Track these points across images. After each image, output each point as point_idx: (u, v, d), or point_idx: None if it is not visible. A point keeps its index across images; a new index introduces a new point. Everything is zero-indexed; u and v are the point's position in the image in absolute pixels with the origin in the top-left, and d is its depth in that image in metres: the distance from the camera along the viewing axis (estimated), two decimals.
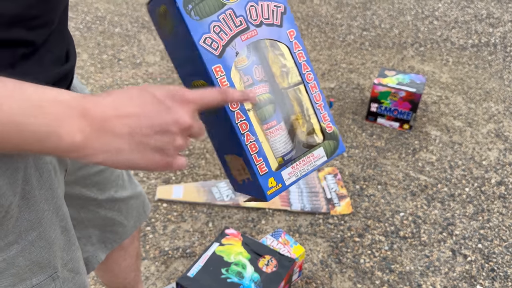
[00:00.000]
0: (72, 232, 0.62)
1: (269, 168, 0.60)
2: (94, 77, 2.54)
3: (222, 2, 0.57)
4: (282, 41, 0.61)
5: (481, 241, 1.63)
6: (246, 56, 0.60)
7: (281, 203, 1.73)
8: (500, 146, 2.14)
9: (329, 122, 0.65)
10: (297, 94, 0.64)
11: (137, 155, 0.43)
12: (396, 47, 3.10)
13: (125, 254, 0.97)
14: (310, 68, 0.64)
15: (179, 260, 1.49)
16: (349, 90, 2.55)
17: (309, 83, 0.63)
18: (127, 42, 2.95)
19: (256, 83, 0.60)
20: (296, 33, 0.63)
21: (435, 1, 3.97)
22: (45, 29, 0.50)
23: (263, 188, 0.60)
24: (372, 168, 1.96)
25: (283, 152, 0.63)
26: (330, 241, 1.60)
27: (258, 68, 0.61)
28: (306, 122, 0.65)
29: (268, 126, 0.62)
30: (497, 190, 1.87)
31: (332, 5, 3.79)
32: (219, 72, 0.56)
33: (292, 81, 0.63)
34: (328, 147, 0.65)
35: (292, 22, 0.62)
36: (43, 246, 0.56)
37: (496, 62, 2.96)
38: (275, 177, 0.61)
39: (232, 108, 0.57)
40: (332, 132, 0.66)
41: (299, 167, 0.63)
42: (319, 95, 0.65)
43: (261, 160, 0.60)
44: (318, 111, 0.65)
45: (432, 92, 2.57)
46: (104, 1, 3.58)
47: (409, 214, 1.73)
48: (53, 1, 0.49)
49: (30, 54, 0.48)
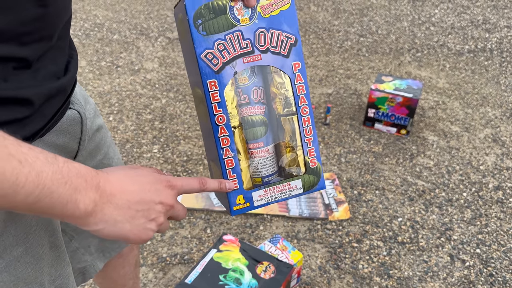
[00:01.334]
0: (62, 248, 0.61)
1: (240, 185, 0.62)
2: (92, 83, 2.55)
3: (232, 23, 0.59)
4: (284, 71, 0.63)
5: (479, 246, 1.63)
6: (248, 76, 0.63)
7: (279, 209, 1.73)
8: (497, 151, 2.15)
9: (314, 157, 0.66)
10: (290, 123, 0.66)
11: (128, 226, 0.51)
12: (393, 53, 3.11)
13: (124, 262, 0.97)
14: (308, 102, 0.65)
15: (177, 267, 1.49)
16: (346, 95, 2.56)
17: (303, 116, 0.65)
18: (125, 49, 2.96)
19: (252, 103, 0.63)
20: (302, 66, 0.64)
21: (431, 7, 4.00)
22: (40, 44, 0.50)
23: (230, 202, 0.62)
24: (370, 173, 1.96)
25: (264, 174, 0.65)
26: (328, 246, 1.59)
27: (258, 90, 0.63)
28: (292, 152, 0.66)
29: (255, 146, 0.64)
30: (494, 195, 1.87)
31: (329, 11, 3.81)
32: (213, 87, 0.59)
33: (288, 110, 0.65)
34: (307, 181, 0.66)
35: (300, 54, 0.63)
36: (29, 262, 0.55)
37: (493, 67, 2.97)
38: (244, 195, 0.63)
39: (218, 122, 0.60)
40: (315, 168, 0.66)
41: (271, 192, 0.64)
42: (311, 130, 0.66)
43: (234, 176, 0.62)
44: (306, 144, 0.65)
45: (429, 97, 2.58)
46: (103, 8, 3.59)
47: (407, 219, 1.73)
48: (49, 18, 0.49)
49: (23, 67, 0.48)
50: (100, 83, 2.55)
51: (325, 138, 2.18)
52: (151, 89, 2.54)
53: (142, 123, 2.23)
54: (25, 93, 0.48)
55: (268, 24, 0.61)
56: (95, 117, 0.74)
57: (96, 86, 2.52)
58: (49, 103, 0.53)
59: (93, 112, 0.74)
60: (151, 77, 2.65)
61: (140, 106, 2.37)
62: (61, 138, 0.61)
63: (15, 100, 0.48)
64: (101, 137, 0.76)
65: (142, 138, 2.12)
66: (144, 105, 2.38)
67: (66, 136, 0.62)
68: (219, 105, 0.60)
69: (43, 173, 0.41)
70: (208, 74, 0.58)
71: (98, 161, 0.76)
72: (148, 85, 2.57)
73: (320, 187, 0.67)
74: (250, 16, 0.60)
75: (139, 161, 1.96)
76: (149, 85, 2.57)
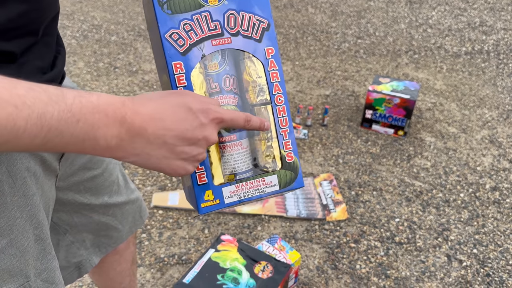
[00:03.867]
0: (48, 241, 0.61)
1: (209, 179, 0.56)
2: (90, 85, 2.55)
3: (200, 3, 0.55)
4: (257, 56, 0.58)
5: (476, 246, 1.63)
6: (219, 63, 0.58)
7: (277, 209, 1.74)
8: (494, 152, 2.16)
9: (291, 151, 0.60)
10: (264, 113, 0.60)
11: (165, 162, 0.48)
12: (390, 55, 3.12)
13: (120, 259, 0.97)
14: (283, 90, 0.60)
15: (174, 267, 1.49)
16: (344, 97, 2.57)
17: (277, 106, 0.60)
18: (123, 50, 2.96)
19: (223, 92, 0.58)
20: (275, 52, 0.59)
21: (428, 9, 4.01)
22: (24, 40, 0.50)
23: (197, 198, 0.56)
24: (367, 174, 1.97)
25: (237, 170, 0.58)
26: (326, 247, 1.60)
27: (230, 79, 0.58)
28: (267, 145, 0.60)
29: (227, 139, 0.58)
30: (491, 196, 1.88)
31: (327, 13, 3.82)
32: (178, 69, 0.54)
33: (262, 98, 0.60)
34: (284, 177, 0.60)
35: (274, 40, 0.59)
36: (14, 254, 0.55)
37: (490, 69, 2.99)
38: (214, 191, 0.56)
39: None
40: (292, 162, 0.60)
41: (244, 188, 0.58)
42: (286, 121, 0.60)
43: (202, 169, 0.55)
44: (281, 136, 0.60)
45: (426, 99, 2.59)
46: (101, 10, 3.60)
47: (405, 220, 1.73)
48: (34, 14, 0.49)
49: (7, 62, 0.48)
50: (98, 84, 2.55)
51: (323, 139, 2.19)
52: (148, 90, 2.54)
53: None
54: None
55: (238, 6, 0.57)
56: None
57: (94, 87, 2.52)
58: None
59: None
60: (148, 78, 2.66)
61: None
62: None
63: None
64: None
65: None
66: None
67: None
68: (185, 89, 0.54)
69: (47, 114, 0.39)
70: (173, 56, 0.54)
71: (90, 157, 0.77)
72: (146, 86, 2.57)
73: (298, 184, 0.61)
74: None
75: None
76: (147, 86, 2.58)
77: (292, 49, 3.12)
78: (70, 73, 2.62)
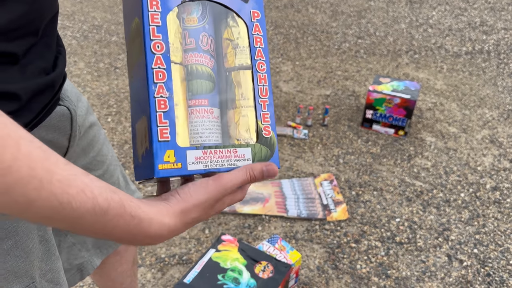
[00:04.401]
0: (52, 243, 0.62)
1: (173, 137, 0.47)
2: (90, 85, 2.55)
3: None
4: (241, 16, 0.53)
5: (477, 246, 1.63)
6: (198, 18, 0.52)
7: (278, 210, 1.74)
8: (494, 152, 2.16)
9: (268, 125, 0.53)
10: (241, 79, 0.53)
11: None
12: (390, 55, 3.12)
13: (122, 259, 0.97)
14: (266, 58, 0.53)
15: (175, 267, 1.49)
16: (344, 97, 2.57)
17: (258, 73, 0.53)
18: (123, 51, 2.96)
19: (199, 50, 0.51)
20: (261, 17, 0.54)
21: (429, 9, 4.01)
22: (25, 40, 0.50)
23: (155, 157, 0.46)
24: (368, 174, 1.97)
25: (205, 140, 0.50)
26: (326, 247, 1.60)
27: (208, 39, 0.52)
28: (241, 113, 0.53)
29: (196, 102, 0.51)
30: (492, 196, 1.88)
31: (327, 13, 3.82)
32: (154, 6, 0.47)
33: (240, 62, 0.53)
34: (258, 152, 0.52)
35: (261, 5, 0.54)
36: (19, 256, 0.55)
37: (490, 69, 2.99)
38: (176, 151, 0.47)
39: (154, 50, 0.47)
40: (269, 138, 0.53)
41: (212, 156, 0.49)
42: (267, 91, 0.53)
43: (166, 123, 0.47)
44: (260, 107, 0.53)
45: (426, 98, 2.59)
46: (101, 10, 3.60)
47: (405, 220, 1.73)
48: (34, 14, 0.50)
49: (10, 63, 0.49)
50: (99, 85, 2.56)
51: (323, 139, 2.19)
52: None
53: None
54: (12, 88, 0.49)
55: None
56: (87, 114, 0.74)
57: (95, 88, 2.52)
58: (36, 98, 0.54)
59: (85, 109, 0.74)
60: None
61: None
62: (50, 134, 0.61)
63: (2, 94, 0.48)
64: (94, 134, 0.77)
65: None
66: None
67: (55, 132, 0.63)
68: (158, 29, 0.47)
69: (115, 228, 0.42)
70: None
71: (91, 158, 0.77)
72: None
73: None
74: None
75: None
76: None
77: (293, 49, 3.12)
78: (71, 74, 2.63)
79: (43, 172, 0.35)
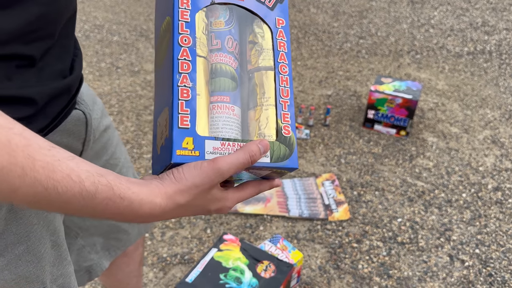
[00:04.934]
0: (64, 247, 0.61)
1: (193, 125, 0.48)
2: (92, 84, 2.55)
3: None
4: (267, 22, 0.55)
5: (479, 246, 1.63)
6: (225, 21, 0.55)
7: (279, 209, 1.74)
8: (496, 152, 2.16)
9: (288, 124, 0.53)
10: (263, 79, 0.55)
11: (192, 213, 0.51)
12: (392, 55, 3.12)
13: (129, 260, 0.97)
14: (288, 61, 0.55)
15: (177, 267, 1.49)
16: (346, 97, 2.57)
17: (280, 74, 0.54)
18: (125, 50, 2.97)
19: (224, 50, 0.54)
20: (286, 24, 0.56)
21: (430, 9, 4.01)
22: (42, 42, 0.49)
23: (174, 143, 0.47)
24: (369, 174, 1.97)
25: (224, 135, 0.51)
26: (328, 247, 1.60)
27: (233, 42, 0.55)
28: (262, 112, 0.54)
29: (218, 99, 0.52)
30: (493, 196, 1.88)
31: (328, 13, 3.82)
32: (184, 4, 0.51)
33: (263, 64, 0.55)
34: (277, 150, 0.52)
35: (286, 13, 0.56)
36: (31, 261, 0.55)
37: (492, 69, 2.99)
38: (195, 139, 0.48)
39: (182, 43, 0.49)
40: (289, 137, 0.53)
41: (230, 148, 0.49)
42: (288, 92, 0.54)
43: (187, 111, 0.48)
44: (281, 106, 0.53)
45: (428, 99, 2.59)
46: (103, 10, 3.60)
47: (407, 220, 1.73)
48: (51, 16, 0.49)
49: (27, 66, 0.48)
50: (100, 84, 2.56)
51: (325, 139, 2.19)
52: (151, 90, 2.54)
53: (142, 124, 2.24)
54: (28, 92, 0.48)
55: None
56: (102, 117, 0.74)
57: (96, 87, 2.52)
58: (53, 103, 0.53)
59: (101, 112, 0.73)
60: (151, 78, 2.66)
61: (140, 107, 2.37)
62: (64, 138, 0.61)
63: (18, 99, 0.48)
64: (108, 137, 0.76)
65: (142, 139, 2.13)
66: (144, 106, 2.39)
67: (70, 136, 0.62)
68: (187, 24, 0.50)
69: (108, 207, 0.43)
70: None
71: (105, 161, 0.77)
72: (148, 86, 2.57)
73: (291, 163, 0.52)
74: None
75: (139, 162, 1.96)
76: (149, 86, 2.58)
77: (294, 49, 3.12)
78: None
79: (25, 160, 0.35)
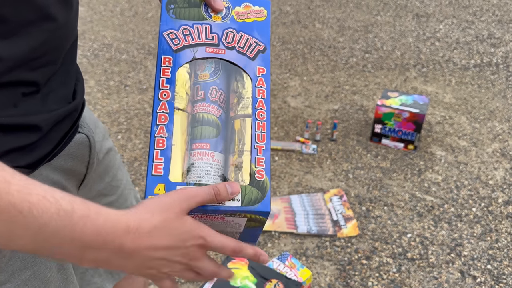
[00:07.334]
0: (70, 271, 0.61)
1: (166, 173, 0.52)
2: (101, 103, 2.58)
3: (203, 17, 0.59)
4: (247, 71, 0.59)
5: (490, 261, 1.61)
6: (210, 74, 0.59)
7: (287, 226, 1.73)
8: (506, 165, 2.14)
9: (262, 169, 0.55)
10: (241, 126, 0.58)
11: (131, 270, 0.49)
12: (398, 69, 3.13)
13: (133, 283, 0.97)
14: (266, 108, 0.58)
15: (185, 285, 1.48)
16: (352, 111, 2.57)
17: (257, 121, 0.57)
18: (133, 69, 3.00)
19: (207, 100, 0.58)
20: (266, 73, 0.59)
21: (436, 22, 4.02)
22: (47, 69, 0.50)
23: (147, 189, 0.51)
24: (378, 189, 1.96)
25: (201, 181, 0.53)
26: (337, 264, 1.58)
27: (218, 92, 0.59)
28: (238, 158, 0.56)
29: (199, 146, 0.55)
30: (504, 210, 1.86)
31: (334, 29, 3.85)
32: (166, 62, 0.56)
33: (242, 112, 0.58)
34: (249, 194, 0.53)
35: (267, 63, 0.60)
36: (37, 286, 0.55)
37: (499, 81, 2.97)
38: (167, 185, 0.51)
39: (161, 98, 0.55)
40: (262, 181, 0.54)
41: None
42: (264, 137, 0.57)
43: (161, 160, 0.52)
44: (255, 151, 0.55)
45: (435, 112, 2.58)
46: (111, 29, 3.66)
47: (417, 235, 1.71)
48: (56, 42, 0.50)
49: (32, 93, 0.49)
50: (109, 102, 2.59)
51: (332, 154, 2.19)
52: None
53: None
54: (34, 120, 0.49)
55: (239, 27, 0.60)
56: (104, 140, 0.75)
57: (105, 105, 2.55)
58: (57, 128, 0.54)
59: (102, 135, 0.74)
60: None
61: (148, 125, 2.39)
62: (69, 162, 0.61)
63: (23, 126, 0.48)
64: (110, 160, 0.77)
65: None
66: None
67: (74, 160, 0.62)
68: (167, 80, 0.56)
69: (49, 227, 0.39)
70: (166, 51, 0.57)
71: (106, 184, 0.77)
72: None
73: (263, 207, 0.53)
74: (223, 16, 0.60)
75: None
76: None
77: (300, 65, 3.14)
78: None
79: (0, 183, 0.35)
